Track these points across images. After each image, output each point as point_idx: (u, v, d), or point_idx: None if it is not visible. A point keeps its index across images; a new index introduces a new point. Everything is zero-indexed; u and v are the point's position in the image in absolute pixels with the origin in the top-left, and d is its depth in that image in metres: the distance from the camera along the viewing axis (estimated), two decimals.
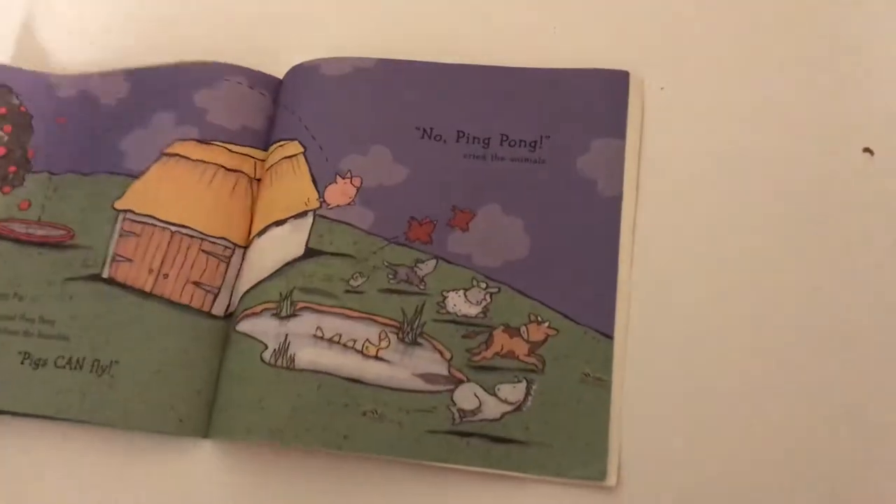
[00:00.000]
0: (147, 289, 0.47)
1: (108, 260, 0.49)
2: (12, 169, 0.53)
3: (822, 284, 0.43)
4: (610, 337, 0.43)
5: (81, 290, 0.48)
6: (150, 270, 0.48)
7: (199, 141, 0.50)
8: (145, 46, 0.56)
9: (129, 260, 0.48)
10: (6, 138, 0.54)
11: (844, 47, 0.48)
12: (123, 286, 0.48)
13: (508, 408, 0.42)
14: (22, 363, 0.47)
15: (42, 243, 0.50)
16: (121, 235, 0.49)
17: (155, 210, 0.49)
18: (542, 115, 0.48)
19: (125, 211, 0.50)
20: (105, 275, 0.48)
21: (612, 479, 0.41)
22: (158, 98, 0.52)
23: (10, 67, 0.55)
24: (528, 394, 0.42)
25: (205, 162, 0.50)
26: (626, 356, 0.43)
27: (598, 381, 0.42)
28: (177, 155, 0.50)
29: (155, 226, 0.49)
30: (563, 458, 0.41)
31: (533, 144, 0.47)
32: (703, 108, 0.47)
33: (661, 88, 0.48)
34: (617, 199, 0.45)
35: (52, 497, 0.46)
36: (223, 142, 0.50)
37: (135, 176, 0.50)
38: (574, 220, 0.45)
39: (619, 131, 0.47)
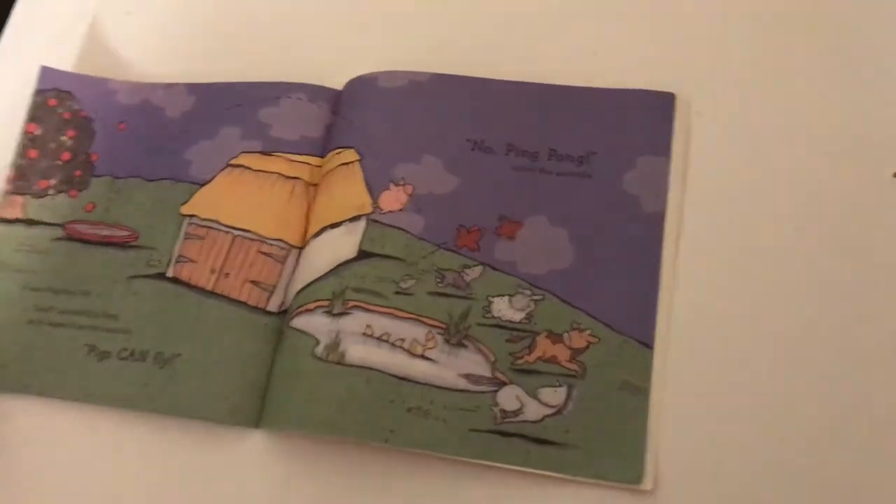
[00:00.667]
0: (208, 287, 0.50)
1: (173, 260, 0.51)
2: (78, 173, 0.56)
3: (860, 300, 0.44)
4: (650, 346, 0.44)
5: (145, 288, 0.51)
6: (213, 270, 0.50)
7: (261, 153, 0.53)
8: (207, 61, 0.59)
9: (193, 261, 0.51)
10: (70, 143, 0.57)
11: (880, 71, 0.49)
12: (186, 284, 0.50)
13: (549, 411, 0.44)
14: (87, 355, 0.49)
15: (107, 243, 0.53)
16: (185, 238, 0.52)
17: (218, 215, 0.52)
18: (590, 132, 0.49)
19: (190, 216, 0.52)
20: (169, 274, 0.51)
21: (648, 484, 0.42)
22: (224, 113, 0.55)
23: (71, 74, 0.59)
24: (568, 398, 0.44)
25: (266, 171, 0.53)
26: (665, 366, 0.44)
27: (637, 389, 0.43)
28: (241, 166, 0.53)
29: (218, 230, 0.51)
30: (600, 461, 0.42)
31: (580, 160, 0.49)
32: (740, 130, 0.49)
33: (698, 112, 0.50)
34: (660, 215, 0.47)
35: (111, 480, 0.48)
36: (284, 152, 0.53)
37: (199, 184, 0.53)
38: (618, 233, 0.47)
39: (663, 150, 0.48)
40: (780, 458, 0.42)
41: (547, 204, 0.48)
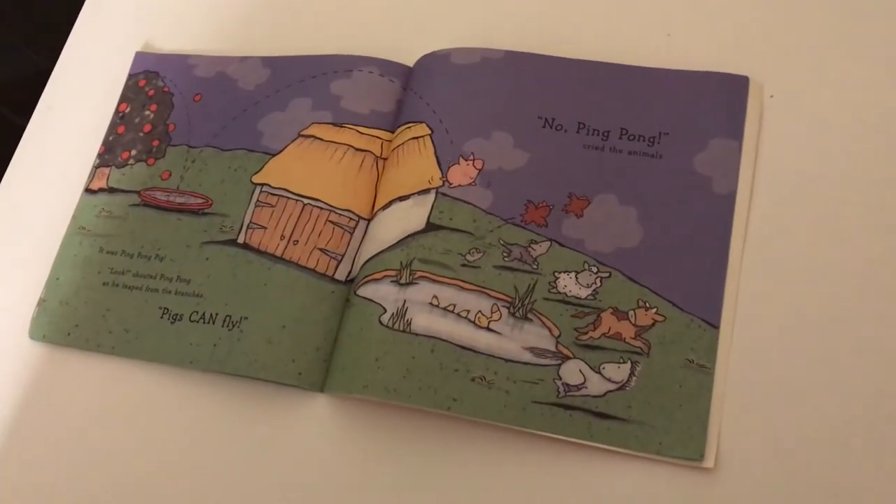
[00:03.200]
0: (278, 253, 0.51)
1: (244, 227, 0.52)
2: (155, 143, 0.58)
3: None
4: (716, 326, 0.44)
5: (217, 253, 0.52)
6: (282, 237, 0.51)
7: (332, 124, 0.54)
8: (281, 35, 0.60)
9: (263, 227, 0.52)
10: (152, 116, 0.59)
11: None
12: (257, 250, 0.51)
13: (612, 386, 0.44)
14: (161, 317, 0.51)
15: (181, 210, 0.55)
16: (257, 206, 0.53)
17: (289, 184, 0.53)
18: (662, 113, 0.49)
19: (262, 184, 0.53)
20: (240, 240, 0.52)
21: (710, 461, 0.42)
22: (297, 85, 0.56)
23: (159, 54, 0.61)
24: (631, 374, 0.44)
25: (336, 142, 0.53)
26: (730, 346, 0.44)
27: (701, 368, 0.43)
28: (311, 136, 0.54)
29: (288, 198, 0.52)
30: (663, 437, 0.42)
31: (651, 140, 0.49)
32: (813, 114, 0.48)
33: (771, 96, 0.49)
34: (730, 197, 0.47)
35: (176, 439, 0.49)
36: (354, 124, 0.54)
37: (272, 154, 0.54)
38: (687, 213, 0.47)
39: (736, 133, 0.48)
40: (844, 440, 0.41)
41: (617, 182, 0.48)
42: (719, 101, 0.49)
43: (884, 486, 0.40)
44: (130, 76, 0.61)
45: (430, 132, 0.51)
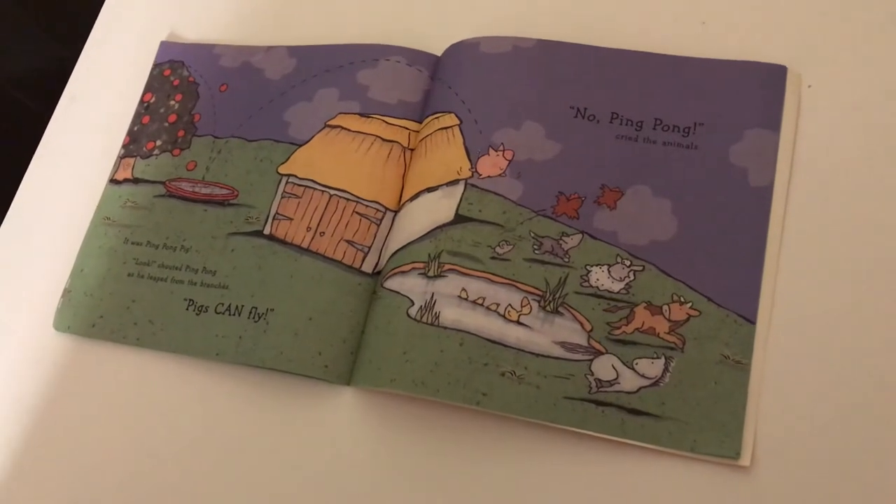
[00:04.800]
0: (304, 245, 0.50)
1: (270, 218, 0.52)
2: (181, 133, 0.57)
3: None
4: (752, 322, 0.43)
5: (243, 244, 0.51)
6: (308, 228, 0.51)
7: (359, 114, 0.53)
8: (307, 24, 0.59)
9: (290, 218, 0.51)
10: (177, 106, 0.59)
11: None
12: (283, 242, 0.51)
13: (645, 382, 0.43)
14: (187, 309, 0.51)
15: (207, 200, 0.54)
16: (283, 196, 0.52)
17: (315, 175, 0.52)
18: (697, 103, 0.48)
19: (288, 175, 0.53)
20: (266, 231, 0.51)
21: (746, 459, 0.41)
22: (323, 75, 0.55)
23: (185, 44, 0.60)
24: (665, 370, 0.43)
25: (363, 133, 0.53)
26: (767, 341, 0.43)
27: (737, 364, 0.42)
28: (338, 126, 0.53)
29: (315, 189, 0.52)
30: (697, 434, 0.41)
31: (686, 130, 0.47)
32: (852, 105, 0.47)
33: (809, 86, 0.48)
34: (767, 189, 0.45)
35: (200, 430, 0.49)
36: (381, 115, 0.53)
37: (298, 144, 0.54)
38: (723, 205, 0.45)
39: (773, 123, 0.47)
40: (883, 438, 0.40)
41: (650, 174, 0.47)
42: (756, 91, 0.48)
43: None
44: (155, 66, 0.60)
45: (458, 122, 0.50)
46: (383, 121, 0.53)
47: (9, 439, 0.51)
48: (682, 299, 0.44)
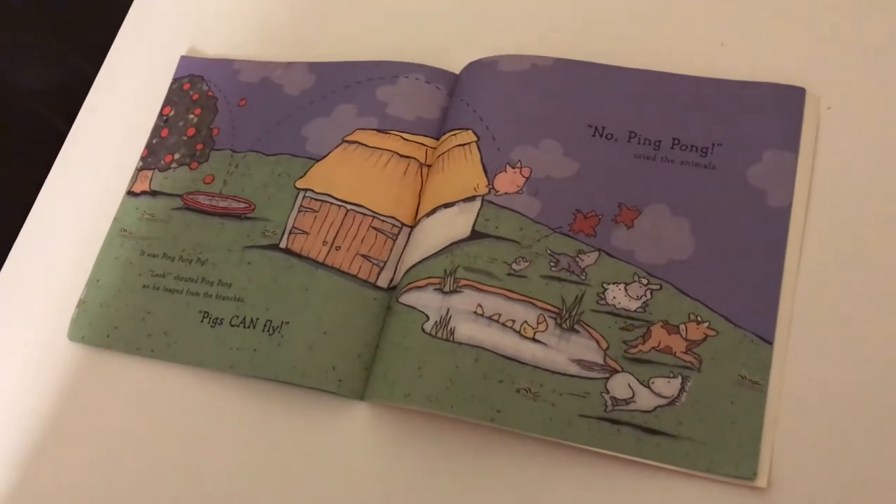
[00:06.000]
0: (320, 259, 0.50)
1: (287, 232, 0.52)
2: (199, 147, 0.58)
3: None
4: (769, 342, 0.43)
5: (259, 258, 0.52)
6: (325, 243, 0.51)
7: (377, 130, 0.54)
8: (327, 41, 0.60)
9: (306, 233, 0.52)
10: (195, 120, 0.59)
11: None
12: (299, 255, 0.51)
13: (662, 401, 0.43)
14: (202, 321, 0.51)
15: (224, 214, 0.54)
16: (300, 211, 0.53)
17: (332, 190, 0.52)
18: (716, 124, 0.48)
19: (305, 189, 0.53)
20: (283, 245, 0.52)
21: (762, 481, 0.40)
22: (342, 91, 0.56)
23: (204, 59, 0.61)
24: (682, 390, 0.43)
25: (381, 148, 0.53)
26: (785, 362, 0.42)
27: (754, 385, 0.42)
28: (356, 142, 0.54)
29: (331, 203, 0.52)
30: (714, 455, 0.41)
31: (704, 150, 0.47)
32: (871, 126, 0.47)
33: (828, 108, 0.48)
34: (786, 210, 0.45)
35: (214, 444, 0.49)
36: (399, 131, 0.53)
37: (316, 159, 0.54)
38: (741, 226, 0.45)
39: (791, 145, 0.47)
40: None
41: (668, 193, 0.47)
42: (774, 112, 0.48)
43: None
44: (175, 80, 0.61)
45: (476, 139, 0.50)
46: (401, 137, 0.53)
47: (22, 448, 0.51)
48: (699, 319, 0.44)
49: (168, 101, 0.60)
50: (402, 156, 0.52)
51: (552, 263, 0.46)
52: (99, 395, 0.52)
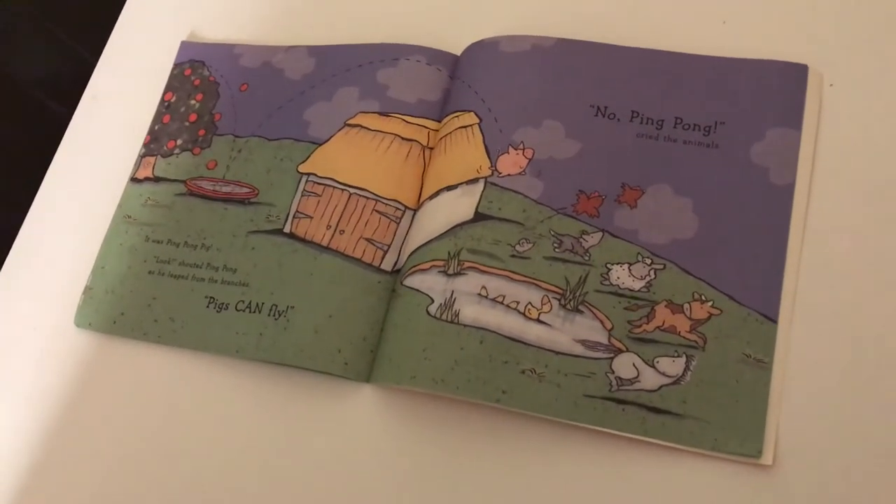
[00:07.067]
0: (324, 243, 0.51)
1: (290, 216, 0.52)
2: (201, 132, 0.58)
3: None
4: (773, 320, 0.43)
5: (263, 242, 0.52)
6: (328, 227, 0.51)
7: (379, 113, 0.53)
8: (327, 24, 0.60)
9: (310, 217, 0.52)
10: (197, 105, 0.59)
11: None
12: (303, 240, 0.51)
13: (666, 380, 0.43)
14: (207, 307, 0.51)
15: (227, 199, 0.54)
16: (303, 195, 0.53)
17: (335, 173, 0.52)
18: (718, 102, 0.48)
19: (308, 174, 0.53)
20: (287, 229, 0.52)
21: (768, 458, 0.40)
22: (343, 74, 0.56)
23: (205, 44, 0.61)
24: (686, 368, 0.43)
25: (383, 132, 0.53)
26: (789, 340, 0.43)
27: (759, 363, 0.42)
28: (358, 125, 0.54)
29: (334, 187, 0.52)
30: (719, 433, 0.41)
31: (707, 129, 0.47)
32: (874, 103, 0.47)
33: (831, 85, 0.48)
34: (789, 188, 0.45)
35: (221, 427, 0.49)
36: (401, 114, 0.53)
37: (318, 143, 0.54)
38: (744, 204, 0.45)
39: (795, 122, 0.47)
40: None
41: (671, 173, 0.47)
42: (777, 90, 0.48)
43: None
44: (176, 65, 0.61)
45: (478, 121, 0.50)
46: (403, 120, 0.53)
47: (32, 434, 0.52)
48: (703, 298, 0.44)
49: (169, 87, 0.60)
50: (404, 139, 0.52)
51: (555, 244, 0.46)
52: (106, 380, 0.52)
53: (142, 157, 0.58)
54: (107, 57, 0.64)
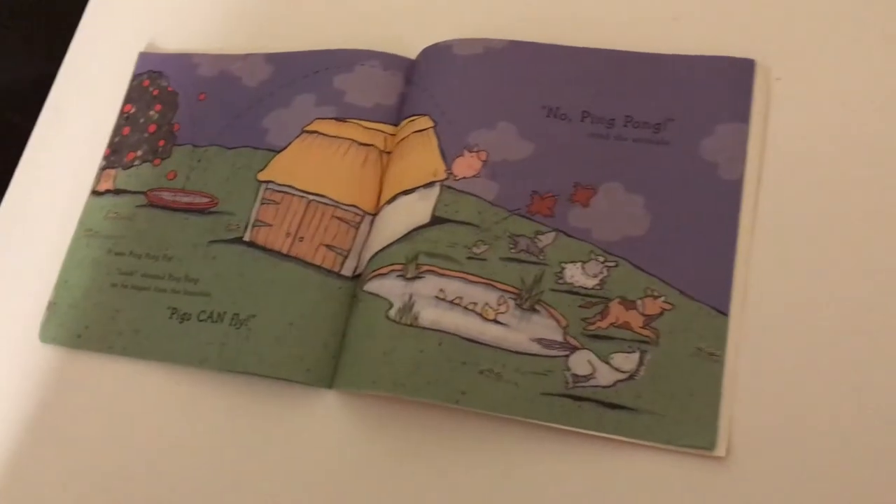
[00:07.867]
0: (284, 250, 0.51)
1: (250, 225, 0.52)
2: (161, 143, 0.58)
3: None
4: (725, 314, 0.44)
5: (224, 252, 0.52)
6: (288, 234, 0.51)
7: (336, 119, 0.54)
8: (283, 31, 0.60)
9: (269, 225, 0.52)
10: (156, 116, 0.59)
11: None
12: (263, 248, 0.51)
13: (621, 376, 0.43)
14: (170, 318, 0.51)
15: (188, 209, 0.55)
16: (262, 203, 0.53)
17: (294, 181, 0.53)
18: (667, 99, 0.49)
19: (267, 181, 0.53)
20: (247, 238, 0.52)
21: (721, 450, 0.41)
22: (301, 81, 0.56)
23: (163, 54, 0.61)
24: (640, 364, 0.43)
25: (340, 137, 0.53)
26: (740, 333, 0.43)
27: (712, 356, 0.43)
28: (316, 132, 0.54)
29: (293, 195, 0.52)
30: (673, 427, 0.42)
31: (657, 126, 0.48)
32: (821, 96, 0.47)
33: (778, 79, 0.48)
34: (738, 182, 0.46)
35: (188, 437, 0.49)
36: (358, 119, 0.54)
37: (276, 150, 0.54)
38: (694, 200, 0.46)
39: (742, 117, 0.47)
40: (857, 427, 0.41)
41: (623, 171, 0.47)
42: (725, 85, 0.48)
43: None
44: (135, 77, 0.61)
45: (433, 125, 0.51)
46: (359, 125, 0.53)
47: None
48: (655, 293, 0.45)
49: (129, 99, 0.60)
50: (361, 144, 0.53)
51: (511, 245, 0.47)
52: (73, 394, 0.52)
53: (102, 169, 0.58)
54: (66, 70, 0.64)
